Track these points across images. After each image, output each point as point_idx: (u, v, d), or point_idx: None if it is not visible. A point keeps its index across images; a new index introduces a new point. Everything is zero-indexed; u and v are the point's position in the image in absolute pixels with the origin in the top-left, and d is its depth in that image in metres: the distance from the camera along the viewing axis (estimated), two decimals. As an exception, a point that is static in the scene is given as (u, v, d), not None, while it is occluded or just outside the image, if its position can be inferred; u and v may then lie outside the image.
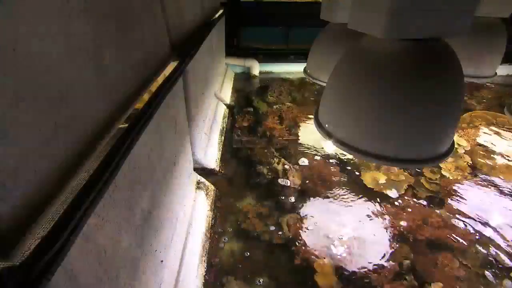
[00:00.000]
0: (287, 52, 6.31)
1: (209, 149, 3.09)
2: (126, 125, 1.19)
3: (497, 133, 3.95)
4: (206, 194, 2.55)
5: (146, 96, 1.49)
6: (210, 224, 2.36)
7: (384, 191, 2.89)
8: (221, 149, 3.34)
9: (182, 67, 1.88)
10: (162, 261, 1.71)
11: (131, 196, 1.24)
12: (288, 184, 2.94)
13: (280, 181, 2.98)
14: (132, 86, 1.40)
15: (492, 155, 3.48)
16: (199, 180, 2.63)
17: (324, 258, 2.23)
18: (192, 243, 2.08)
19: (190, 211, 2.27)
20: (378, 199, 2.79)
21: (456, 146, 3.63)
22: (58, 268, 0.67)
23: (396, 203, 2.76)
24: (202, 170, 2.87)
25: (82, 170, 0.92)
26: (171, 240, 1.90)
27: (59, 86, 0.85)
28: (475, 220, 2.59)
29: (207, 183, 2.68)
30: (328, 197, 2.80)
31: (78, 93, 0.95)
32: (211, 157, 3.04)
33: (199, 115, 2.84)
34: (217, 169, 3.02)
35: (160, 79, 1.72)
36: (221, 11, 4.35)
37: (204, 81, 3.10)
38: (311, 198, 2.78)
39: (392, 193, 2.87)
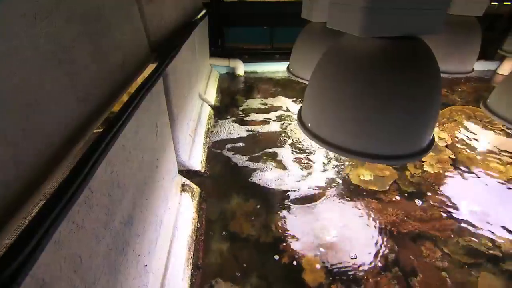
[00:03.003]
0: (272, 52, 6.33)
1: (194, 150, 3.06)
2: (102, 129, 1.16)
3: (475, 126, 4.08)
4: (192, 196, 2.53)
5: (123, 99, 1.46)
6: (196, 227, 2.34)
7: (370, 187, 2.94)
8: (206, 151, 3.32)
9: (162, 69, 1.86)
10: (146, 265, 1.68)
11: (109, 201, 1.22)
12: (275, 183, 2.95)
13: (266, 180, 2.99)
14: (108, 89, 1.38)
15: (471, 148, 3.59)
16: (184, 182, 2.60)
17: (312, 255, 2.25)
18: (177, 246, 2.06)
19: (175, 214, 2.24)
20: (363, 195, 2.84)
21: (437, 140, 3.73)
22: (25, 277, 0.65)
23: (381, 198, 2.81)
24: (187, 172, 2.85)
25: (54, 176, 0.90)
26: (155, 244, 1.87)
27: (27, 91, 0.82)
28: (457, 211, 2.67)
29: (192, 185, 2.66)
30: (314, 195, 2.83)
31: (49, 97, 0.92)
32: (196, 158, 3.02)
33: (183, 117, 2.81)
34: (203, 170, 3.00)
35: (138, 81, 1.70)
36: (203, 12, 4.33)
37: (187, 82, 3.07)
38: (298, 196, 2.80)
39: (377, 189, 2.92)
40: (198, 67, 3.90)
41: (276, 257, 2.23)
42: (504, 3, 5.75)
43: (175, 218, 2.22)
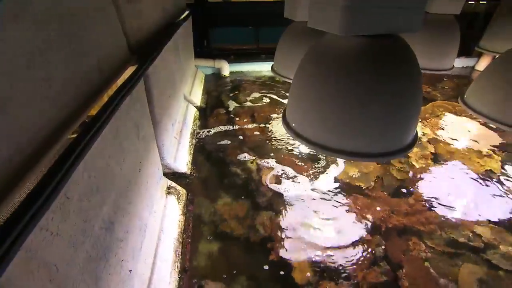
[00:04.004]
0: (258, 52, 6.33)
1: (179, 152, 3.03)
2: (77, 134, 1.13)
3: (456, 121, 4.19)
4: (178, 199, 2.50)
5: (101, 102, 1.43)
6: (182, 229, 2.32)
7: (356, 183, 2.98)
8: (192, 152, 3.29)
9: (142, 70, 1.83)
10: (130, 270, 1.65)
11: (87, 207, 1.19)
12: (262, 183, 2.95)
13: (254, 180, 2.99)
14: (84, 92, 1.34)
15: (452, 142, 3.69)
16: (169, 185, 2.57)
17: (301, 253, 2.26)
18: (163, 249, 2.03)
19: (161, 217, 2.21)
20: (350, 192, 2.87)
21: (420, 135, 3.81)
22: (-8, 289, 0.63)
23: (367, 194, 2.85)
24: (172, 175, 2.82)
25: (24, 184, 0.87)
26: (140, 248, 1.84)
27: (-8, 95, 0.79)
28: (440, 205, 2.74)
29: (178, 187, 2.63)
30: (303, 193, 2.84)
31: (18, 102, 0.89)
32: (182, 160, 2.98)
33: (167, 119, 2.78)
34: (189, 172, 2.97)
35: (118, 84, 1.66)
36: (187, 12, 4.28)
37: (171, 84, 3.03)
38: (287, 195, 2.81)
39: (363, 185, 2.96)
40: (182, 68, 3.86)
41: (265, 256, 2.23)
42: (480, 1, 5.93)
43: (160, 221, 2.19)
